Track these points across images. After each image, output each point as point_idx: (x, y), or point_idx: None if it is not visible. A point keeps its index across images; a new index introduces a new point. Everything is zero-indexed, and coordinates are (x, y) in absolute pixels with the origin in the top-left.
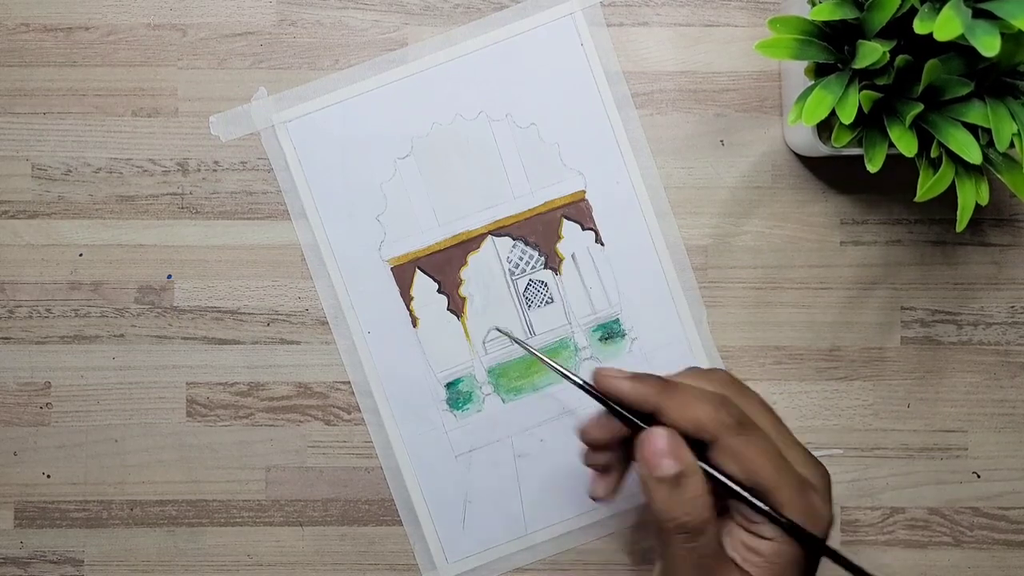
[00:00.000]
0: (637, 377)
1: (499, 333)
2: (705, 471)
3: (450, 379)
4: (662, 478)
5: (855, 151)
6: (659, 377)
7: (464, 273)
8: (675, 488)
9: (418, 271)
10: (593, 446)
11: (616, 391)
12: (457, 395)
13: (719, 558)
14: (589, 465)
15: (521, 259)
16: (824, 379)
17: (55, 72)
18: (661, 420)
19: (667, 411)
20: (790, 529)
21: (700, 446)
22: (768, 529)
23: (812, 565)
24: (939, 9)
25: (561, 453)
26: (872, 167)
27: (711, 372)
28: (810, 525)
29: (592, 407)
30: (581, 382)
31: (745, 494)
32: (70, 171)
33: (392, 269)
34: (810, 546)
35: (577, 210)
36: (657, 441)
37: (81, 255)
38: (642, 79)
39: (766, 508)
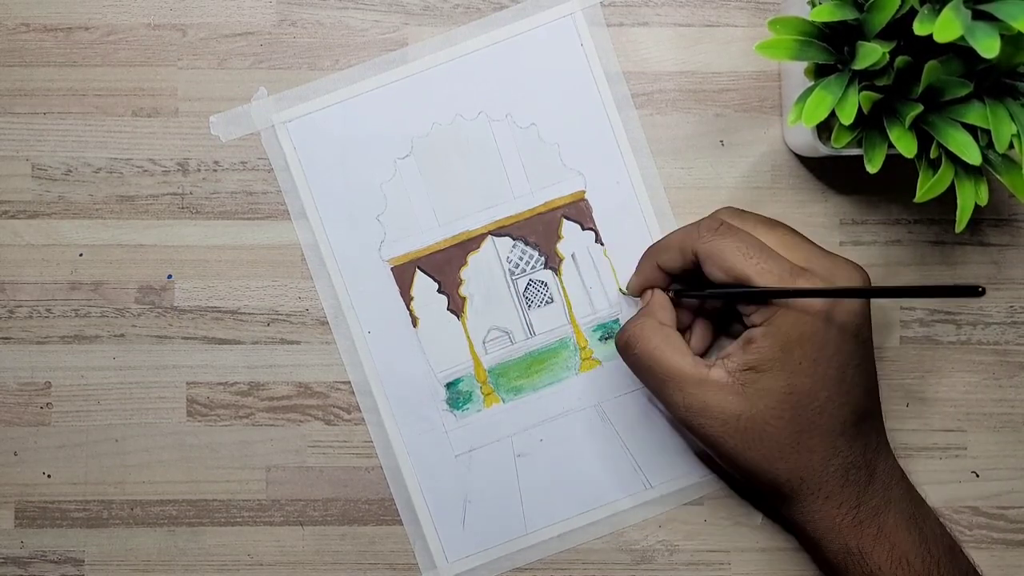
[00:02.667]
0: (638, 267)
1: (500, 332)
2: (684, 292)
3: (450, 379)
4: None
5: (855, 152)
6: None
7: (464, 273)
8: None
9: (418, 271)
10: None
11: (635, 291)
12: (457, 395)
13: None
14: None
15: (521, 259)
16: None
17: (55, 72)
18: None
19: (660, 260)
20: (760, 296)
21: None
22: (756, 315)
23: (813, 327)
24: (939, 10)
25: (561, 453)
26: (872, 168)
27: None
28: (785, 307)
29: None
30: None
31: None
32: (70, 171)
33: (392, 269)
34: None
35: (577, 210)
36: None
37: (81, 255)
38: (642, 79)
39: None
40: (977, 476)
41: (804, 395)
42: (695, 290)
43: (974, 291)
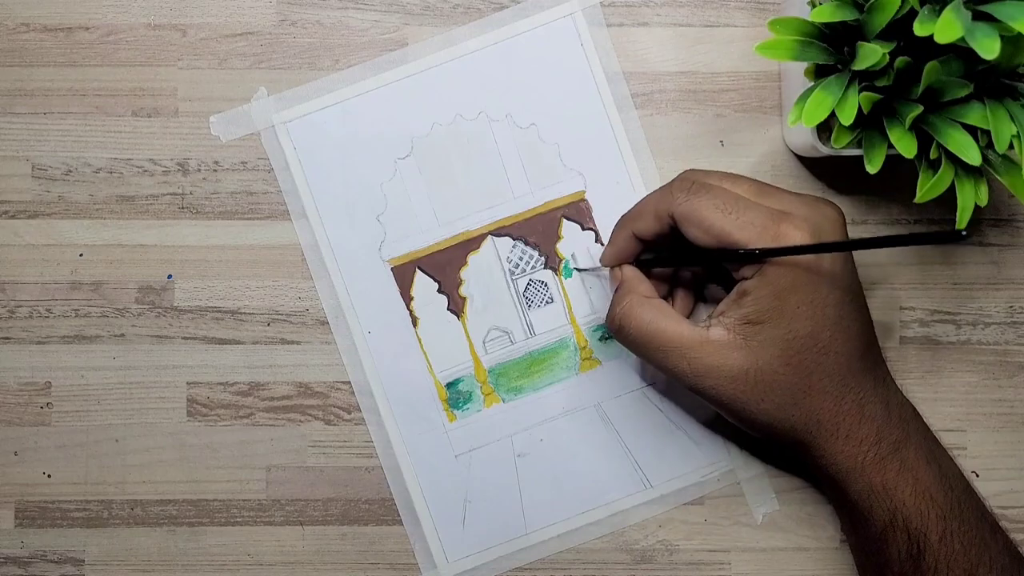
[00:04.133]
0: (612, 238)
1: (500, 332)
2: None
3: (450, 379)
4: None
5: (855, 152)
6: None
7: (464, 273)
8: (615, 296)
9: (418, 271)
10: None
11: (610, 262)
12: (457, 395)
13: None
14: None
15: (521, 259)
16: None
17: (55, 72)
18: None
19: (635, 229)
20: (750, 256)
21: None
22: (745, 269)
23: (807, 277)
24: (939, 11)
25: (561, 453)
26: (872, 168)
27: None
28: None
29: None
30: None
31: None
32: (70, 171)
33: (392, 269)
34: (789, 254)
35: (577, 210)
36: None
37: (81, 255)
38: (642, 79)
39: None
40: (977, 476)
41: (807, 338)
42: (669, 258)
43: (957, 236)
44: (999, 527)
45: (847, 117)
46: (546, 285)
